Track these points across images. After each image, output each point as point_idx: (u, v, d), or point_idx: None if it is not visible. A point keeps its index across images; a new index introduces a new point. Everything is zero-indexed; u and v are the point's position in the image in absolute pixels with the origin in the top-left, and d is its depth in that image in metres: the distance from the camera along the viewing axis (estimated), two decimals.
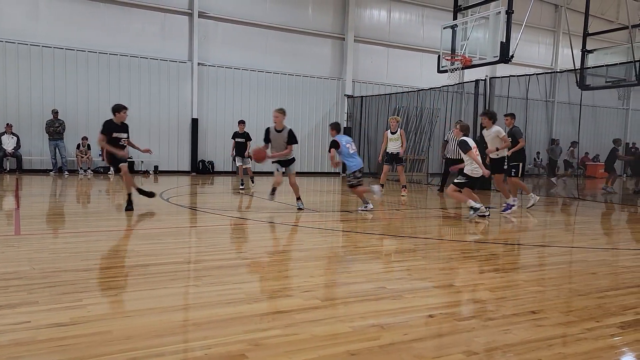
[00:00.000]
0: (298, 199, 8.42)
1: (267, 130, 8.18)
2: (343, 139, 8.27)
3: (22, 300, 3.17)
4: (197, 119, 17.38)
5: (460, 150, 8.00)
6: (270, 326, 2.91)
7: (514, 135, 9.11)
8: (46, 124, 14.71)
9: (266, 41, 18.23)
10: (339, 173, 19.57)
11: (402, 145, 11.25)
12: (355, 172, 8.29)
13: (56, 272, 3.86)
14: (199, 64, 17.14)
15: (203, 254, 5.07)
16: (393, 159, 11.42)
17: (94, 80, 15.83)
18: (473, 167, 7.78)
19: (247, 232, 6.54)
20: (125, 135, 7.71)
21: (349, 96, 19.66)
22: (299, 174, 8.60)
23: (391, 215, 8.75)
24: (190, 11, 16.91)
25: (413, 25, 20.92)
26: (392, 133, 11.33)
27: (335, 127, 8.36)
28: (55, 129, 14.65)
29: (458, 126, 8.12)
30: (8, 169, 14.76)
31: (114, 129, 7.61)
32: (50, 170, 14.85)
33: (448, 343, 2.78)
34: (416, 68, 20.43)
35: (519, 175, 9.28)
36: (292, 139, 8.07)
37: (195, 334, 2.79)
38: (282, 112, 8.13)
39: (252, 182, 12.56)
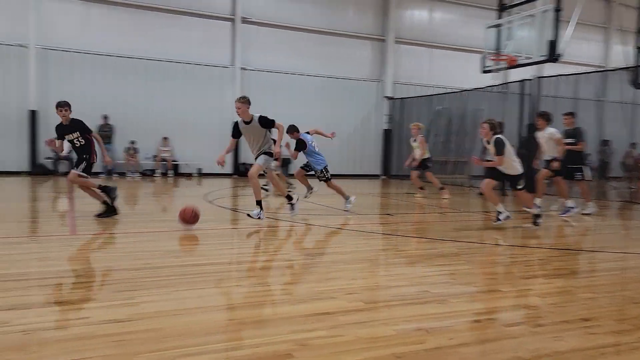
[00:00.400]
0: (258, 203, 7.00)
1: (235, 124, 7.18)
2: (308, 137, 8.44)
3: (82, 297, 3.34)
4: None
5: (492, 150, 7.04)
6: (315, 327, 2.95)
7: (576, 136, 8.66)
8: (97, 129, 15.36)
9: (306, 44, 18.38)
10: (378, 175, 19.48)
11: (420, 153, 11.13)
12: (325, 167, 8.45)
13: (111, 270, 4.04)
14: (241, 68, 17.48)
15: (247, 255, 5.18)
16: (419, 165, 11.36)
17: (141, 86, 16.42)
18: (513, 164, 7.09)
19: (289, 234, 6.62)
20: (75, 134, 6.98)
21: (389, 98, 19.55)
22: (337, 177, 8.58)
23: (433, 219, 8.65)
24: (232, 17, 17.28)
25: (455, 24, 20.59)
26: (414, 140, 11.33)
27: (294, 129, 8.48)
28: (105, 133, 15.29)
29: (487, 126, 7.04)
30: (62, 172, 15.48)
31: (63, 131, 6.99)
32: (100, 173, 15.48)
33: (495, 349, 2.75)
34: (458, 68, 20.08)
35: (584, 179, 8.86)
36: (267, 123, 6.95)
37: (242, 332, 2.87)
38: (243, 101, 6.93)
39: (266, 190, 11.13)
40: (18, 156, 15.34)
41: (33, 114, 15.37)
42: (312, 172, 8.64)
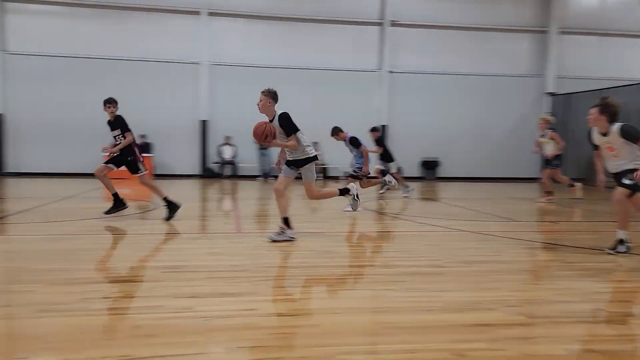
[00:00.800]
0: (343, 192, 6.19)
1: None
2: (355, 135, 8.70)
3: (247, 290, 3.64)
4: (385, 126, 17.82)
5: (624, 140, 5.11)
6: (474, 338, 2.81)
7: None
8: None
9: (457, 42, 17.79)
10: (535, 179, 17.98)
11: (555, 149, 10.36)
12: (362, 167, 8.71)
13: (271, 267, 4.35)
14: (389, 71, 17.56)
15: (398, 259, 5.14)
16: (546, 162, 10.68)
17: (294, 94, 17.37)
18: None
19: (440, 239, 6.42)
20: (116, 132, 7.15)
21: (550, 94, 17.94)
22: (491, 180, 8.10)
23: (605, 227, 7.69)
24: (381, 21, 17.45)
25: (633, 7, 18.14)
26: (541, 136, 10.61)
27: (339, 129, 8.86)
28: None
29: (596, 110, 5.23)
30: (226, 175, 17.14)
31: (110, 127, 7.21)
32: (258, 176, 16.79)
33: None
34: (638, 57, 17.67)
35: None
36: (288, 126, 5.69)
37: (398, 337, 2.85)
38: (266, 93, 5.87)
39: (382, 189, 11.04)
40: (190, 161, 17.38)
41: (204, 124, 17.29)
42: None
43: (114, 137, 7.20)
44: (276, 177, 17.03)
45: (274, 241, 5.54)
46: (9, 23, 16.25)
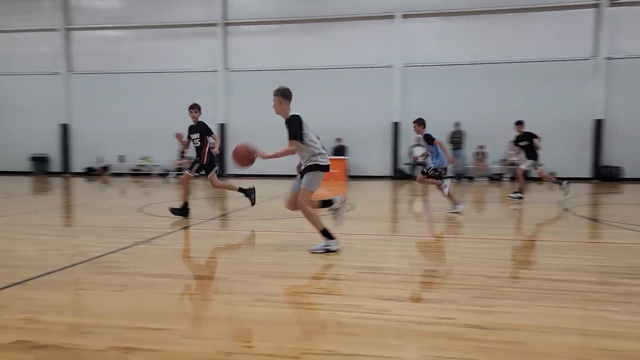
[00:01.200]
0: (323, 233, 5.14)
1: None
2: (434, 134, 8.08)
3: (444, 297, 3.56)
4: (602, 120, 15.69)
5: None
6: None
7: None
8: (449, 136, 16.31)
9: None
10: None
11: None
12: (437, 167, 8.12)
13: (467, 275, 4.16)
14: (606, 58, 15.42)
15: (619, 275, 4.45)
16: None
17: (489, 91, 16.52)
18: None
19: None
20: (195, 135, 7.56)
21: None
22: None
23: None
24: (597, 2, 15.44)
25: None
26: None
27: (423, 122, 8.06)
28: (455, 139, 16.09)
29: None
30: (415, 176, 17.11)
31: (190, 131, 7.65)
32: (450, 177, 16.37)
33: None
34: None
35: None
36: (290, 130, 4.99)
37: None
38: (276, 92, 5.13)
39: (561, 184, 10.35)
40: (382, 162, 17.79)
41: (395, 126, 17.53)
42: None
43: (193, 140, 7.69)
44: (470, 178, 16.36)
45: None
46: (230, 44, 18.87)
